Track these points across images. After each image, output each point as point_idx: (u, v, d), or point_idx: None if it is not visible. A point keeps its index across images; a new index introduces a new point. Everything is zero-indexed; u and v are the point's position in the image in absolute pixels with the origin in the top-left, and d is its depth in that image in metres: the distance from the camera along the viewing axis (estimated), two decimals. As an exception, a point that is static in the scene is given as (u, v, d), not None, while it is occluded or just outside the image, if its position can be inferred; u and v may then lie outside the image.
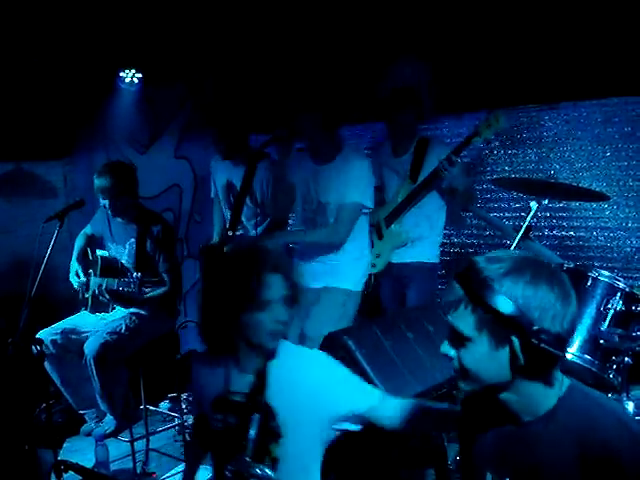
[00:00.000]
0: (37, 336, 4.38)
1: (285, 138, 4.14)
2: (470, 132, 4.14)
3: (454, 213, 4.55)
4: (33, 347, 3.75)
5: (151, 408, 4.82)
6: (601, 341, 3.05)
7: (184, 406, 5.01)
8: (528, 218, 3.26)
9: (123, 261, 4.66)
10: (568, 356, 3.08)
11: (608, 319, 3.07)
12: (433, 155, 4.24)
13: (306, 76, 5.23)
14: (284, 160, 4.23)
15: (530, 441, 1.78)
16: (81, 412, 4.79)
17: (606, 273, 3.16)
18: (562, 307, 1.67)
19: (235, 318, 2.29)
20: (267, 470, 2.16)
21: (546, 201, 3.25)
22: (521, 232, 3.24)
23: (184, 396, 5.14)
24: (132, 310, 4.59)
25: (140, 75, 6.15)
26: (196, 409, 2.67)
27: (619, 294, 3.09)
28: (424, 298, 4.34)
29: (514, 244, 3.23)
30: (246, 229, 4.86)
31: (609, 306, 3.08)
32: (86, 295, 4.69)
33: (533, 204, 3.26)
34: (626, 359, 2.98)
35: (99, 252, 4.78)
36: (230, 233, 4.41)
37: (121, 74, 6.13)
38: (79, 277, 4.69)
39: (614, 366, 3.07)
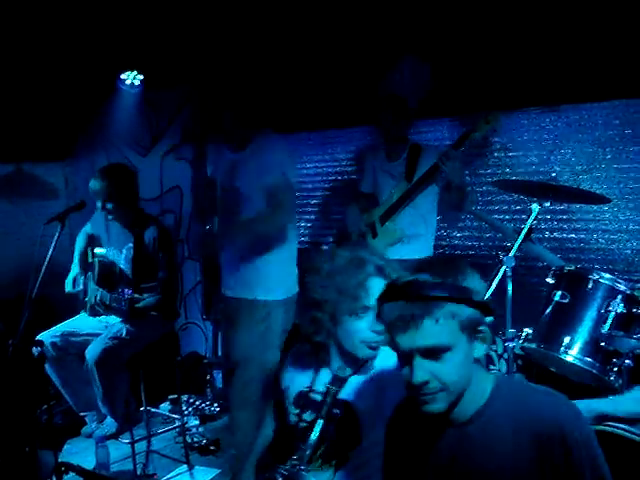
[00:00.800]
0: (37, 338, 4.39)
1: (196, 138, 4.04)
2: (467, 129, 4.16)
3: (448, 210, 4.56)
4: (34, 349, 3.76)
5: (152, 410, 4.82)
6: (602, 343, 3.06)
7: (184, 408, 5.02)
8: (530, 220, 3.26)
9: (121, 266, 4.66)
10: (569, 358, 3.09)
11: (609, 321, 3.08)
12: (426, 159, 4.30)
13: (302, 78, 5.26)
14: (199, 159, 4.14)
15: (471, 440, 1.81)
16: (82, 414, 4.80)
17: (607, 275, 3.16)
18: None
19: (331, 321, 2.29)
20: None
21: (548, 203, 3.25)
22: (522, 234, 3.24)
23: (184, 398, 5.14)
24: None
25: (141, 77, 6.16)
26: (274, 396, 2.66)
27: (620, 296, 3.09)
28: None
29: (515, 246, 3.22)
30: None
31: (610, 308, 3.08)
32: (85, 299, 4.69)
33: (534, 206, 3.25)
34: (627, 361, 2.99)
35: (97, 252, 4.77)
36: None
37: (122, 76, 6.14)
38: (75, 285, 4.69)
39: (615, 368, 3.07)
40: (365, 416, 2.29)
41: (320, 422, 2.14)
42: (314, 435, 2.14)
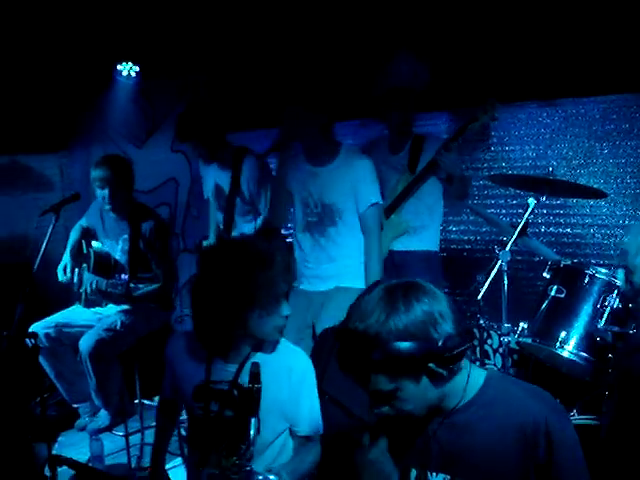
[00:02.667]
0: (30, 329, 4.38)
1: (284, 144, 4.12)
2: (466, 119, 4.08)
3: (452, 201, 4.50)
4: (27, 340, 3.75)
5: (146, 402, 4.79)
6: (598, 338, 3.06)
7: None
8: (526, 214, 3.25)
9: (117, 257, 4.65)
10: (565, 353, 3.09)
11: (605, 316, 3.08)
12: (429, 150, 4.21)
13: (299, 74, 5.21)
14: (284, 166, 4.20)
15: (457, 429, 1.85)
16: (75, 406, 4.79)
17: (603, 270, 3.16)
18: (441, 305, 1.77)
19: (239, 316, 2.36)
20: (271, 476, 2.16)
21: (544, 197, 3.25)
22: (518, 229, 3.23)
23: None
24: (126, 306, 4.58)
25: (137, 68, 6.13)
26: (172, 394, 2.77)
27: (616, 291, 3.09)
28: None
29: (511, 241, 3.22)
30: (240, 228, 4.77)
31: (606, 303, 3.08)
32: (80, 290, 4.68)
33: (531, 200, 3.25)
34: (622, 356, 2.98)
35: (94, 245, 4.76)
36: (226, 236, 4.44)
37: (118, 67, 6.10)
38: (66, 272, 4.69)
39: (610, 363, 3.07)
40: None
41: (254, 420, 2.16)
42: (252, 431, 2.15)
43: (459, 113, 4.79)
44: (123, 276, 4.32)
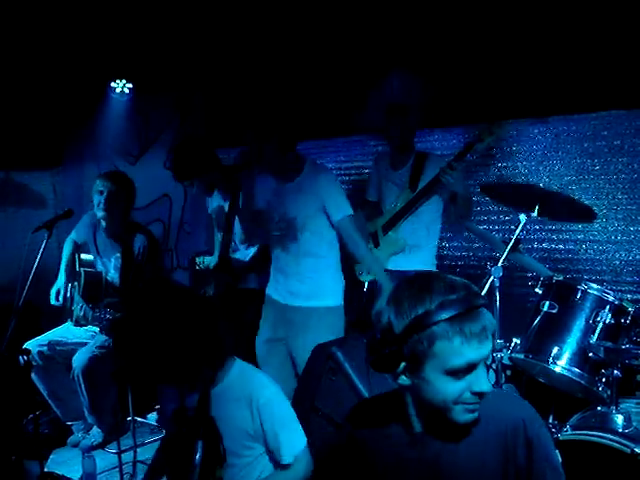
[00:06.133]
0: (24, 347, 4.36)
1: (247, 165, 4.00)
2: (471, 139, 4.09)
3: (455, 221, 4.50)
4: (20, 357, 3.73)
5: (139, 420, 4.78)
6: (590, 354, 3.05)
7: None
8: (517, 230, 3.27)
9: (108, 277, 4.65)
10: (557, 369, 3.09)
11: (597, 332, 3.07)
12: (431, 168, 4.21)
13: (279, 91, 5.25)
14: (249, 184, 4.17)
15: (440, 442, 1.84)
16: (68, 423, 4.76)
17: (595, 286, 3.16)
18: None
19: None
20: None
21: (535, 213, 3.25)
22: (510, 244, 3.24)
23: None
24: (119, 323, 4.57)
25: (131, 85, 6.16)
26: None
27: (608, 307, 3.09)
28: None
29: (503, 256, 3.23)
30: (240, 252, 4.74)
31: (598, 319, 3.08)
32: (71, 307, 4.68)
33: (522, 216, 3.27)
34: (615, 372, 2.98)
35: (84, 258, 4.76)
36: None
37: (112, 84, 6.14)
38: (58, 299, 4.70)
39: (603, 379, 3.07)
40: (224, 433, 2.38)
41: (200, 442, 2.09)
42: (198, 455, 2.09)
43: (452, 130, 4.82)
44: (107, 315, 4.29)
